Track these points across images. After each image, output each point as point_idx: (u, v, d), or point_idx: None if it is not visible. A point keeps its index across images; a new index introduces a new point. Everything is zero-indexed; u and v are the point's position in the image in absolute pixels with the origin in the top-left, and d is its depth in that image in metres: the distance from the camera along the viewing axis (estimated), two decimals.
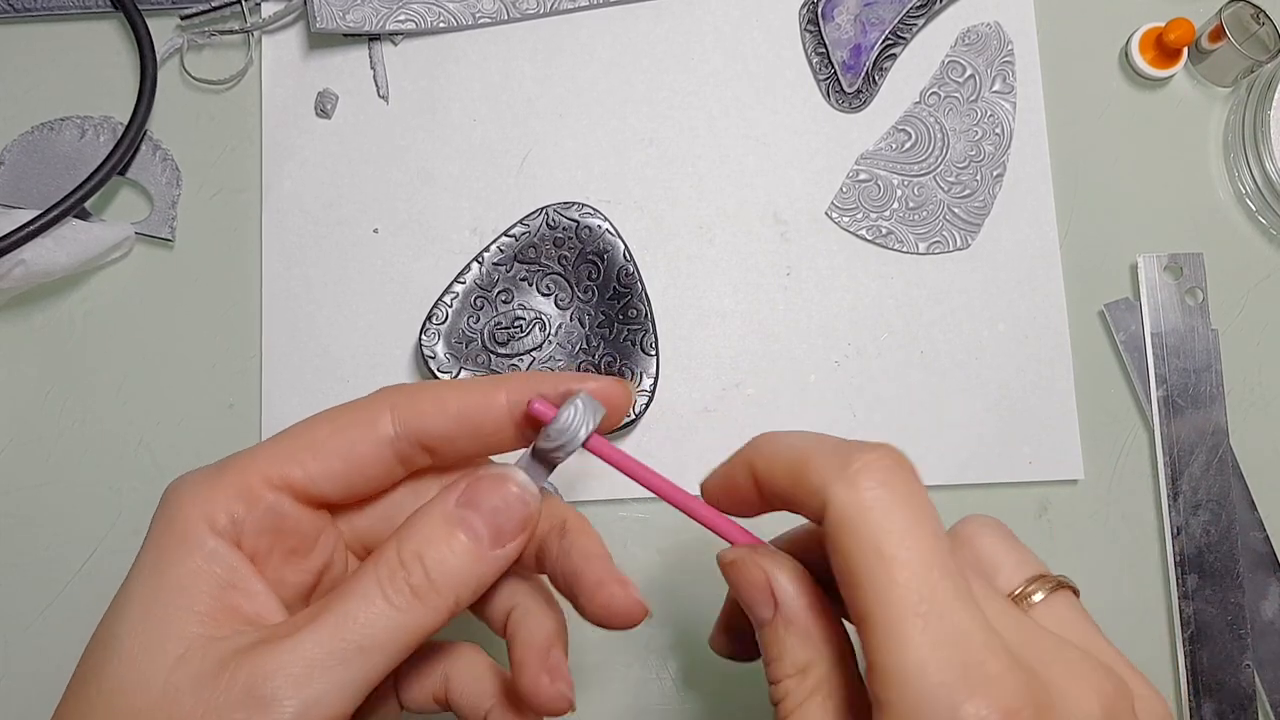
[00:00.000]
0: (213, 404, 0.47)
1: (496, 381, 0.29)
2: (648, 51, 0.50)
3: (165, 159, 0.48)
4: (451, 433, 0.28)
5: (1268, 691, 0.45)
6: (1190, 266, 0.48)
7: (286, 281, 0.48)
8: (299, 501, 0.28)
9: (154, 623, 0.25)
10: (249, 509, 0.27)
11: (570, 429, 0.28)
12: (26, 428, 0.46)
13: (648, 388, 0.45)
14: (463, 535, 0.27)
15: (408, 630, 0.26)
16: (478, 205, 0.48)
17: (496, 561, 0.27)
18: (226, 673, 0.24)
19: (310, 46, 0.50)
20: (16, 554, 0.45)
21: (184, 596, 0.26)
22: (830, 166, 0.49)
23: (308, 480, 0.28)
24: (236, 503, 0.27)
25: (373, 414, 0.28)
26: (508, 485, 0.28)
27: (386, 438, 0.28)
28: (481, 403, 0.28)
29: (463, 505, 0.27)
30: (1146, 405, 0.48)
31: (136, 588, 0.26)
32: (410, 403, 0.28)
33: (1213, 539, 0.46)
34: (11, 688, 0.44)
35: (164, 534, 0.27)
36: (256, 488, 0.27)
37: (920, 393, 0.47)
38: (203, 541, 0.26)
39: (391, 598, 0.26)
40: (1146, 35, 0.50)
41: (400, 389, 0.29)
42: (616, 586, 0.28)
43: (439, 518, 0.27)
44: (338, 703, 0.25)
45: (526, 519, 0.28)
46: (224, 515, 0.27)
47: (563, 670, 0.29)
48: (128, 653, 0.25)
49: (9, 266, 0.44)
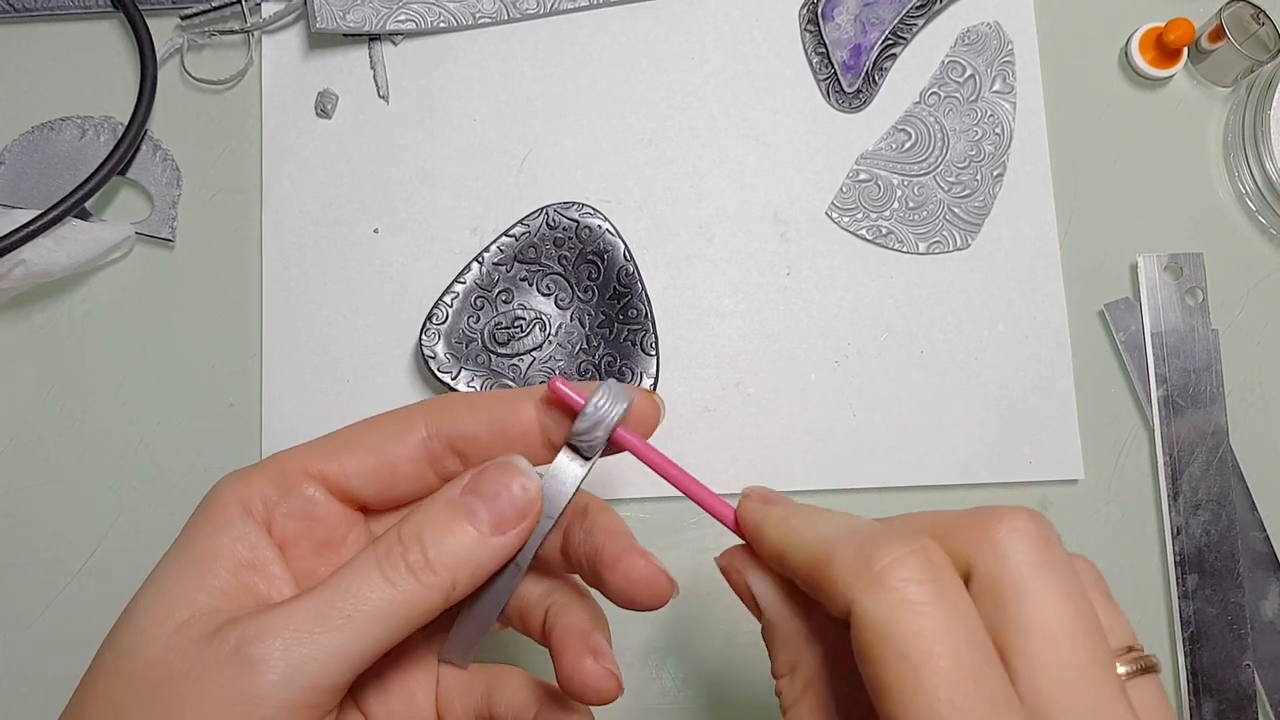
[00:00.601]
0: (213, 404, 0.47)
1: (526, 391, 0.30)
2: (648, 51, 0.50)
3: (165, 159, 0.48)
4: (482, 435, 0.29)
5: (1268, 691, 0.45)
6: (1190, 266, 0.48)
7: (286, 281, 0.48)
8: (333, 495, 0.29)
9: (167, 592, 0.26)
10: (283, 495, 0.28)
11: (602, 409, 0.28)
12: (26, 428, 0.46)
13: (647, 388, 0.45)
14: (464, 519, 0.27)
15: (401, 605, 0.26)
16: (478, 205, 0.48)
17: (495, 548, 0.27)
18: (219, 636, 0.25)
19: (310, 46, 0.50)
20: (16, 554, 0.45)
21: (200, 569, 0.27)
22: (830, 166, 0.49)
23: (342, 475, 0.29)
24: (271, 488, 0.28)
25: (408, 417, 0.29)
26: (510, 473, 0.28)
27: (419, 438, 0.29)
28: (510, 408, 0.29)
29: (467, 492, 0.28)
30: (1146, 405, 0.48)
31: (164, 563, 0.27)
32: (443, 407, 0.30)
33: (1213, 539, 0.46)
34: (11, 688, 0.44)
35: (200, 514, 0.28)
36: (293, 476, 0.28)
37: (920, 393, 0.47)
38: (231, 520, 0.27)
39: (387, 572, 0.26)
40: (1146, 35, 0.50)
41: (435, 399, 0.30)
42: (637, 557, 0.28)
43: (442, 502, 0.28)
44: (324, 669, 0.25)
45: (527, 507, 0.28)
46: (258, 499, 0.28)
47: (607, 652, 0.29)
48: (139, 619, 0.26)
49: (9, 266, 0.44)
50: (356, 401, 0.46)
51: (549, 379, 0.29)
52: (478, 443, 0.29)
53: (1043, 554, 0.23)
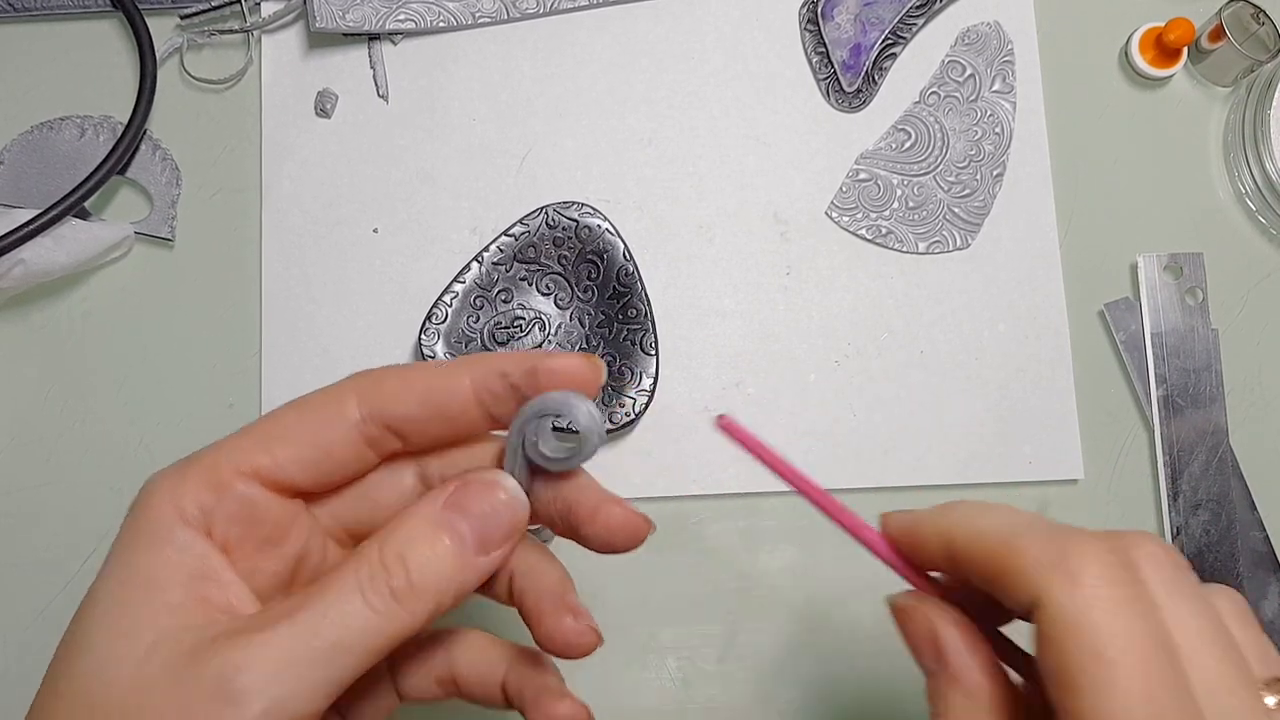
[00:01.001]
0: (213, 404, 0.47)
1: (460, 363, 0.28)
2: (648, 51, 0.50)
3: (165, 159, 0.48)
4: (417, 415, 0.28)
5: None
6: (1190, 266, 0.48)
7: (286, 281, 0.48)
8: (270, 489, 0.27)
9: (125, 615, 0.25)
10: (219, 498, 0.27)
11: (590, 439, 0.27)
12: (26, 428, 0.46)
13: (648, 387, 0.45)
14: (447, 539, 0.26)
15: (385, 634, 0.25)
16: (478, 205, 0.48)
17: (480, 568, 0.27)
18: (197, 663, 0.24)
19: (310, 46, 0.50)
20: (16, 554, 0.45)
21: (154, 588, 0.25)
22: (830, 166, 0.49)
23: (276, 467, 0.27)
24: (205, 492, 0.26)
25: (339, 399, 0.28)
26: (496, 491, 0.27)
27: (353, 421, 0.28)
28: (445, 385, 0.28)
29: (450, 509, 0.27)
30: (1146, 405, 0.48)
31: (107, 583, 0.26)
32: (375, 386, 0.28)
33: (1213, 539, 0.46)
34: (12, 688, 0.44)
35: (134, 528, 0.27)
36: (226, 477, 0.27)
37: (920, 393, 0.47)
38: (172, 532, 0.26)
39: (371, 599, 0.25)
40: (1146, 35, 0.50)
41: (367, 374, 0.28)
42: (613, 506, 0.28)
43: (425, 519, 0.26)
44: (308, 703, 0.24)
45: (514, 526, 0.27)
46: (193, 505, 0.26)
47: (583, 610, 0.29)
48: (98, 646, 0.25)
49: (9, 266, 0.44)
50: None
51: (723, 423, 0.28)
52: (414, 421, 0.28)
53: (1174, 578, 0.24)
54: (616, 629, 0.45)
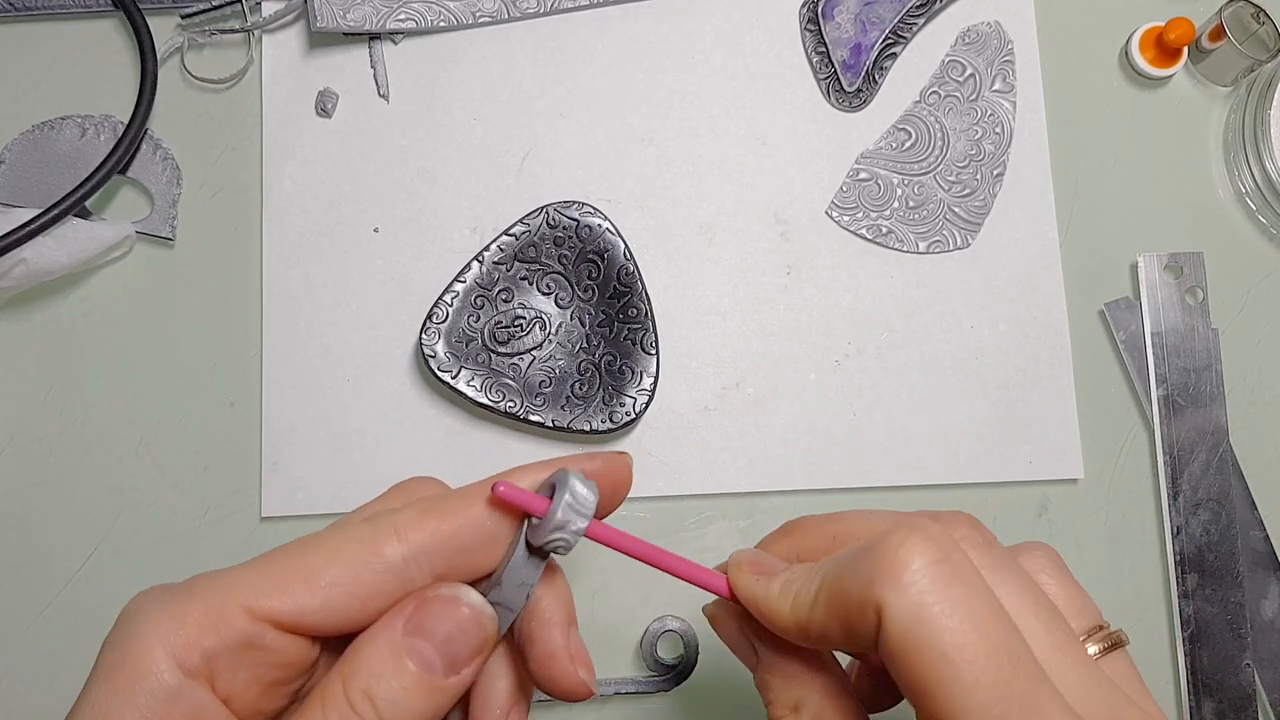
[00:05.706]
0: (213, 403, 0.47)
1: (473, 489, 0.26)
2: (648, 51, 0.50)
3: (166, 158, 0.48)
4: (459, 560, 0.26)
5: (1268, 691, 0.45)
6: (1190, 266, 0.48)
7: (287, 281, 0.48)
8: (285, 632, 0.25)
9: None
10: (224, 644, 0.24)
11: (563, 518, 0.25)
12: (26, 428, 0.46)
13: (648, 387, 0.45)
14: (412, 665, 0.24)
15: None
16: (478, 204, 0.48)
17: (450, 690, 0.25)
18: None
19: (310, 46, 0.50)
20: (16, 554, 0.45)
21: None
22: (830, 166, 0.49)
23: (297, 613, 0.24)
24: (209, 637, 0.23)
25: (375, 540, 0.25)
26: (459, 608, 0.25)
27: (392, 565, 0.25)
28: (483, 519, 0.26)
29: (411, 633, 0.24)
30: (1146, 405, 0.48)
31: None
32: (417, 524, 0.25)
33: (1213, 539, 0.46)
34: (12, 688, 0.44)
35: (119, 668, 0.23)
36: (234, 620, 0.24)
37: (920, 392, 0.47)
38: (167, 685, 0.23)
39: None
40: (1146, 35, 0.50)
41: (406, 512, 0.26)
42: (566, 662, 0.27)
43: (385, 647, 0.24)
44: None
45: (483, 643, 0.25)
46: (195, 652, 0.23)
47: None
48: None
49: (9, 265, 0.44)
50: (356, 401, 0.46)
51: (494, 485, 0.25)
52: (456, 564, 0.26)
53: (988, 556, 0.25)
54: (616, 628, 0.46)
